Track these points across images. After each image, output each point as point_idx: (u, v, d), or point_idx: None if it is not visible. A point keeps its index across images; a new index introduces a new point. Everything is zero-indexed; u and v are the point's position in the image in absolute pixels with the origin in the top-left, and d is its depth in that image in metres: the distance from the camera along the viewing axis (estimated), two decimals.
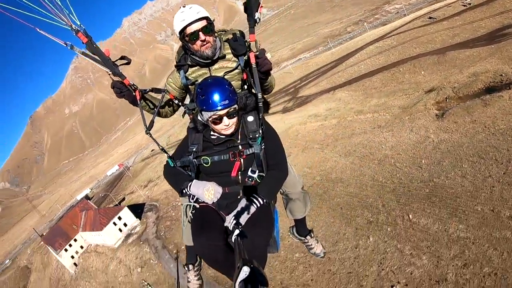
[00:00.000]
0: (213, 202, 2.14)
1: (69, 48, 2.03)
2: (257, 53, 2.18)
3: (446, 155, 15.52)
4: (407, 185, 15.24)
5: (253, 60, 2.19)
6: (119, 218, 42.69)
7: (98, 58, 2.16)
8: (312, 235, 3.32)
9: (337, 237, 15.19)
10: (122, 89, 2.35)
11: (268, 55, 2.27)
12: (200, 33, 2.30)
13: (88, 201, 56.69)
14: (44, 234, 59.03)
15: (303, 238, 3.31)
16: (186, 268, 2.91)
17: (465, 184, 13.57)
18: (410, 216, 13.69)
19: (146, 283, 28.42)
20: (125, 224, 42.82)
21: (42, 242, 68.12)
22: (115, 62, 2.24)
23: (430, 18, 42.92)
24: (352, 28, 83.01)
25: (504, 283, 9.61)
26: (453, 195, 13.43)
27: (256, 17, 2.06)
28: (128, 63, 2.29)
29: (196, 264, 2.92)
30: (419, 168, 15.76)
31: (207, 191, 2.12)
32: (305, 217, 3.08)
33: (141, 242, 37.56)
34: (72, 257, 47.37)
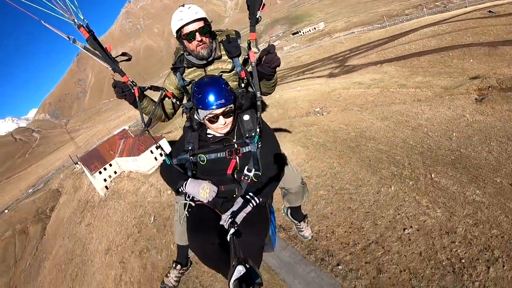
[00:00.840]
0: (208, 201, 2.19)
1: (71, 42, 2.07)
2: (258, 52, 2.18)
3: (477, 132, 16.83)
4: (434, 150, 16.75)
5: (253, 58, 2.18)
6: (157, 147, 44.97)
7: (99, 54, 2.22)
8: (305, 221, 3.46)
9: (361, 183, 16.97)
10: (124, 89, 2.42)
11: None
12: (197, 33, 2.37)
13: (128, 131, 59.05)
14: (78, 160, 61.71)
15: (296, 222, 3.47)
16: (173, 265, 2.92)
17: (490, 158, 15.00)
18: (433, 175, 15.34)
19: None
20: (161, 154, 44.95)
21: (75, 169, 72.55)
22: (116, 58, 2.31)
23: (489, 11, 41.77)
24: (410, 11, 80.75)
25: (509, 246, 10.63)
26: (476, 165, 14.92)
27: (257, 16, 2.05)
28: (129, 60, 2.39)
29: (183, 267, 2.95)
30: (449, 139, 17.17)
31: (202, 190, 2.16)
32: (300, 205, 3.19)
33: None
34: (105, 180, 50.65)
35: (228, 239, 1.69)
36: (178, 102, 2.74)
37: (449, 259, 11.36)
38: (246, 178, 2.17)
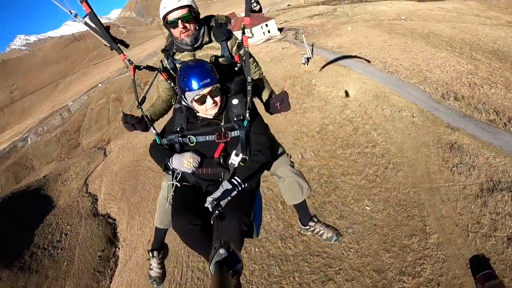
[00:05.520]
0: (193, 171, 2.26)
1: (73, 16, 2.21)
2: (251, 37, 2.28)
3: None
4: (481, 46, 25.67)
5: (246, 43, 2.28)
6: (266, 25, 53.28)
7: (99, 30, 2.32)
8: (316, 220, 3.07)
9: (428, 50, 26.31)
10: (134, 123, 2.55)
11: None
12: (179, 21, 2.38)
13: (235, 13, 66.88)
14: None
15: (307, 227, 3.07)
16: (151, 255, 2.89)
17: None
18: (473, 53, 24.53)
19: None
20: (268, 31, 53.42)
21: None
22: (115, 38, 2.43)
23: None
24: None
25: None
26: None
27: (252, 1, 2.10)
28: (126, 46, 2.53)
29: (161, 252, 2.92)
30: (494, 43, 25.89)
31: (186, 160, 2.24)
32: (305, 202, 2.93)
33: (282, 40, 48.04)
34: None
35: (212, 221, 1.70)
36: (172, 84, 2.70)
37: None
38: (233, 162, 2.22)
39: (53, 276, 32.50)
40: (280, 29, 54.00)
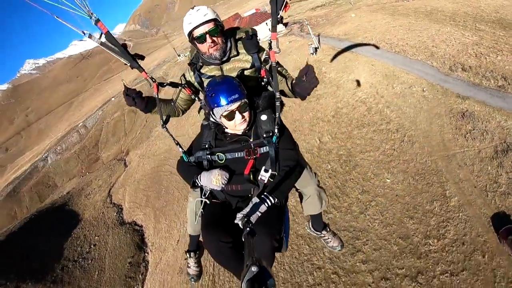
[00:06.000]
0: (222, 188, 2.25)
1: (87, 37, 2.13)
2: (278, 52, 2.24)
3: None
4: (484, 17, 26.03)
5: (273, 58, 2.25)
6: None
7: (117, 49, 2.27)
8: (328, 229, 3.27)
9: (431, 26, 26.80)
10: (135, 98, 2.52)
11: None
12: (207, 35, 2.38)
13: (240, 15, 67.65)
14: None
15: (318, 233, 3.31)
16: (188, 255, 3.07)
17: None
18: (477, 24, 24.94)
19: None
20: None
21: (178, 60, 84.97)
22: (133, 55, 2.38)
23: None
24: None
25: None
26: None
27: (278, 16, 2.05)
28: (142, 59, 2.48)
29: (197, 252, 3.08)
30: (497, 13, 26.19)
31: (214, 177, 2.21)
32: (320, 213, 3.06)
33: (287, 34, 48.86)
34: None
35: (243, 238, 1.68)
36: (197, 99, 2.71)
37: None
38: (262, 178, 2.22)
39: (85, 286, 33.28)
40: (285, 24, 54.77)
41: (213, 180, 2.20)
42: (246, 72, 2.57)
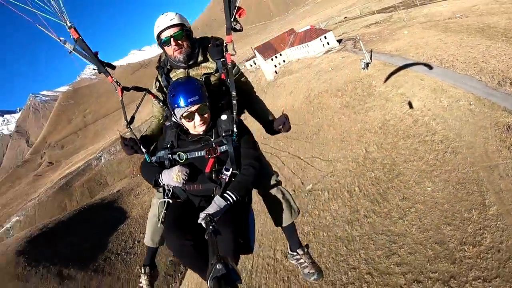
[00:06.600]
0: (183, 184, 2.24)
1: (62, 43, 2.25)
2: (234, 54, 2.41)
3: None
4: (491, 28, 25.26)
5: (229, 60, 2.39)
6: (325, 37, 56.54)
7: (87, 55, 2.40)
8: (305, 251, 2.83)
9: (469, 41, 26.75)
10: (134, 147, 2.53)
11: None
12: (172, 39, 2.44)
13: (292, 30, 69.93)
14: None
15: (294, 253, 2.84)
16: (142, 270, 2.78)
17: None
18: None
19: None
20: (328, 43, 56.46)
21: None
22: (103, 62, 2.49)
23: None
24: None
25: None
26: None
27: (231, 19, 2.13)
28: (113, 68, 2.63)
29: (152, 271, 2.81)
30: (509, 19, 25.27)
31: (175, 174, 2.22)
32: (294, 226, 2.80)
33: (341, 50, 50.27)
34: (275, 66, 64.70)
35: (206, 237, 1.64)
36: (161, 104, 2.73)
37: None
38: (224, 177, 2.22)
39: (125, 278, 37.14)
40: (339, 41, 56.18)
41: (173, 177, 2.22)
42: (212, 77, 2.64)
